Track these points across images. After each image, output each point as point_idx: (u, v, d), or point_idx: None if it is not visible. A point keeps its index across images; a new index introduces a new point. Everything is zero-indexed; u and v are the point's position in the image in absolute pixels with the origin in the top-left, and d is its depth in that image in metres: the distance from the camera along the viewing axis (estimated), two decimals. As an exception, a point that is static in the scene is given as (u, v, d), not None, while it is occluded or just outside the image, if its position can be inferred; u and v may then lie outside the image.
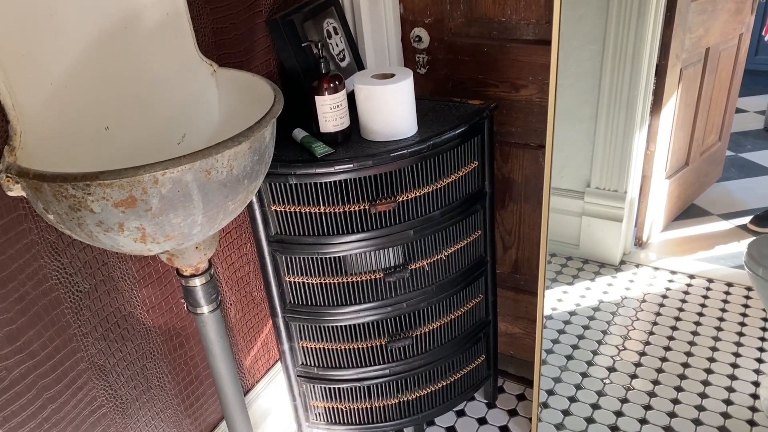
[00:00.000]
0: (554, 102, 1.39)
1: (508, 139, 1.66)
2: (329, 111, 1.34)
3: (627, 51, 1.78)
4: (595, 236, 2.13)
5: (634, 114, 1.90)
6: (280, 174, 1.33)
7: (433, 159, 1.38)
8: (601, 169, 1.97)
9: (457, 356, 1.67)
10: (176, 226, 1.02)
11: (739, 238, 2.33)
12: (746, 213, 2.46)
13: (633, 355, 1.91)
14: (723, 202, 2.55)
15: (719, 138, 2.54)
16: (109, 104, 1.14)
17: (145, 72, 1.19)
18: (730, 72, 2.40)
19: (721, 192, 2.61)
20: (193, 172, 0.97)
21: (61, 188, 0.93)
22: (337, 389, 1.64)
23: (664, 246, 2.34)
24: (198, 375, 1.47)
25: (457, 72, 1.63)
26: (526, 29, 1.51)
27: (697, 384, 1.79)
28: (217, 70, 1.28)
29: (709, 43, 2.18)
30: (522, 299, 1.89)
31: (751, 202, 2.52)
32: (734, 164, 2.78)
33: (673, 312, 2.07)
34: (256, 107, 1.19)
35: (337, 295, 1.49)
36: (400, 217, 1.40)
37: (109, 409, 1.26)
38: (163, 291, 1.33)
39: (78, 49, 1.06)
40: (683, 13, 2.00)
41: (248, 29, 1.40)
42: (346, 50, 1.53)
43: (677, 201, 2.43)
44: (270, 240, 1.44)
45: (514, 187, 1.72)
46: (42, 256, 1.07)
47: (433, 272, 1.52)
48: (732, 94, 2.48)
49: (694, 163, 2.42)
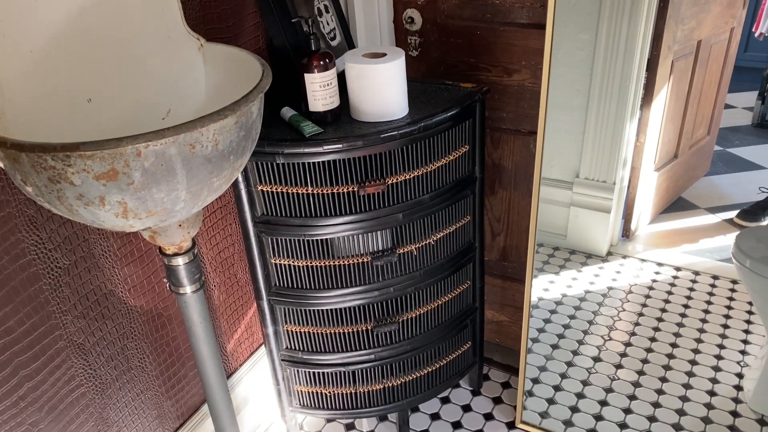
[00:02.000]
0: (547, 87, 1.38)
1: (499, 124, 1.64)
2: (319, 89, 1.31)
3: (620, 41, 1.77)
4: (582, 227, 2.12)
5: (625, 105, 1.89)
6: (267, 153, 1.31)
7: (423, 142, 1.36)
8: (591, 159, 1.96)
9: (443, 342, 1.65)
10: (159, 201, 1.00)
11: (726, 232, 2.33)
12: (733, 207, 2.46)
13: (618, 345, 1.90)
14: (710, 196, 2.55)
15: (708, 132, 2.54)
16: (93, 76, 1.10)
17: (130, 44, 1.16)
18: (721, 66, 2.39)
19: (708, 186, 2.62)
20: (177, 146, 0.94)
21: (40, 159, 0.90)
22: (322, 374, 1.62)
23: (652, 238, 2.34)
24: (180, 357, 1.44)
25: (449, 55, 1.61)
26: (520, 12, 1.49)
27: (681, 375, 1.79)
28: (204, 45, 1.25)
29: (701, 35, 2.18)
30: (509, 287, 1.88)
31: (738, 197, 2.52)
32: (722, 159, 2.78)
33: (659, 303, 2.07)
34: (244, 83, 1.16)
35: (324, 278, 1.47)
36: (389, 200, 1.38)
37: (88, 389, 1.23)
38: (145, 270, 1.30)
39: (61, 17, 1.03)
40: (676, 4, 1.99)
41: (236, 4, 1.36)
42: (337, 29, 1.51)
43: (665, 194, 2.43)
44: (256, 221, 1.42)
45: (504, 173, 1.70)
46: (20, 230, 1.04)
47: (421, 257, 1.50)
48: (722, 88, 2.47)
49: (682, 157, 2.42)
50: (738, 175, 2.69)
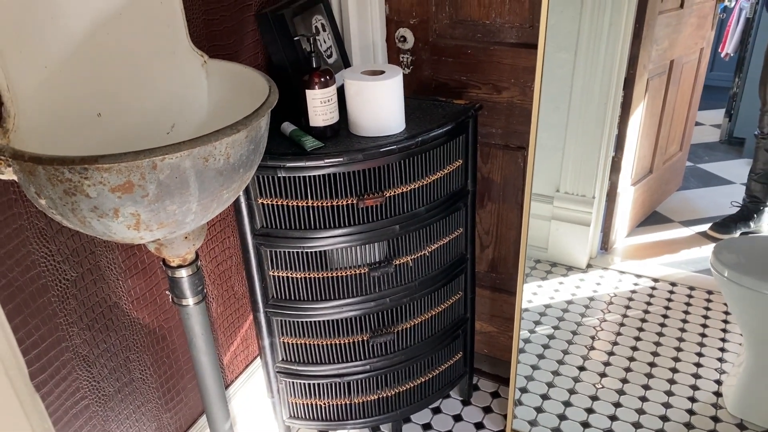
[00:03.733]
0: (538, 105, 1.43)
1: (489, 140, 1.69)
2: (319, 105, 1.35)
3: (598, 60, 1.83)
4: (563, 240, 2.18)
5: (603, 122, 1.95)
6: (269, 167, 1.34)
7: (420, 156, 1.40)
8: (571, 174, 2.02)
9: (435, 353, 1.69)
10: (171, 213, 1.02)
11: (700, 244, 2.42)
12: (705, 220, 2.55)
13: (602, 354, 1.96)
14: (683, 210, 2.64)
15: (680, 148, 2.63)
16: (102, 90, 1.12)
17: (137, 60, 1.18)
18: (692, 84, 2.49)
19: (681, 200, 2.71)
20: (192, 159, 0.97)
21: (57, 172, 0.91)
22: (317, 385, 1.64)
23: (629, 251, 2.41)
24: (179, 369, 1.45)
25: (441, 73, 1.66)
26: (510, 32, 1.55)
27: (663, 382, 1.85)
28: (208, 61, 1.28)
29: (673, 55, 2.27)
30: (497, 298, 1.92)
31: (710, 211, 2.61)
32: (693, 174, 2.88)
33: (639, 314, 2.13)
34: (247, 99, 1.19)
35: (321, 289, 1.50)
36: (386, 213, 1.42)
37: (92, 401, 1.24)
38: (147, 282, 1.31)
39: (74, 33, 1.05)
40: (651, 25, 2.07)
41: (238, 22, 1.40)
42: (333, 47, 1.55)
43: (641, 207, 2.51)
44: (255, 233, 1.44)
45: (493, 187, 1.75)
46: (30, 242, 1.06)
47: (417, 268, 1.54)
48: (693, 106, 2.57)
49: (657, 172, 2.50)
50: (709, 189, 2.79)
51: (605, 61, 1.84)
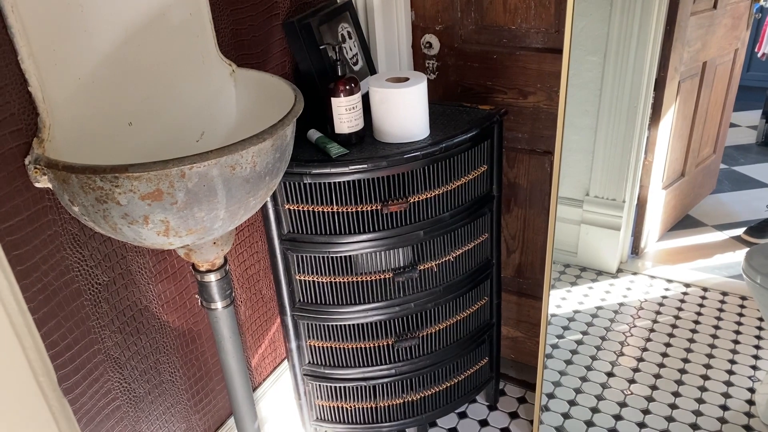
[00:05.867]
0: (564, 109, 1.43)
1: (515, 144, 1.69)
2: (345, 113, 1.36)
3: (628, 63, 1.82)
4: (593, 244, 2.16)
5: (634, 125, 1.93)
6: (295, 173, 1.36)
7: (444, 162, 1.41)
8: (600, 178, 2.01)
9: (461, 358, 1.69)
10: (199, 220, 1.05)
11: (734, 249, 2.37)
12: (739, 225, 2.50)
13: (631, 360, 1.94)
14: (717, 214, 2.60)
15: (714, 150, 2.59)
16: (133, 100, 1.16)
17: (168, 69, 1.21)
18: (726, 86, 2.45)
19: (714, 203, 2.66)
20: (219, 167, 0.99)
21: (90, 180, 0.94)
22: (343, 388, 1.66)
23: (660, 255, 2.38)
24: (208, 371, 1.48)
25: (466, 78, 1.67)
26: (536, 37, 1.55)
27: (694, 390, 1.82)
28: (236, 71, 1.31)
29: (706, 57, 2.23)
30: (524, 303, 1.92)
31: (744, 214, 2.57)
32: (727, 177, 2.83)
33: (670, 319, 2.10)
34: (274, 107, 1.22)
35: (347, 294, 1.51)
36: (410, 218, 1.43)
37: (123, 402, 1.27)
38: (177, 286, 1.35)
39: (105, 45, 1.08)
40: (682, 27, 2.04)
41: (265, 31, 1.42)
42: (359, 55, 1.56)
43: (673, 211, 2.47)
44: (282, 238, 1.46)
45: (519, 192, 1.75)
46: (64, 248, 1.09)
47: (441, 273, 1.55)
48: (727, 107, 2.53)
49: (689, 175, 2.46)
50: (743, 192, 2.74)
51: (635, 63, 1.82)
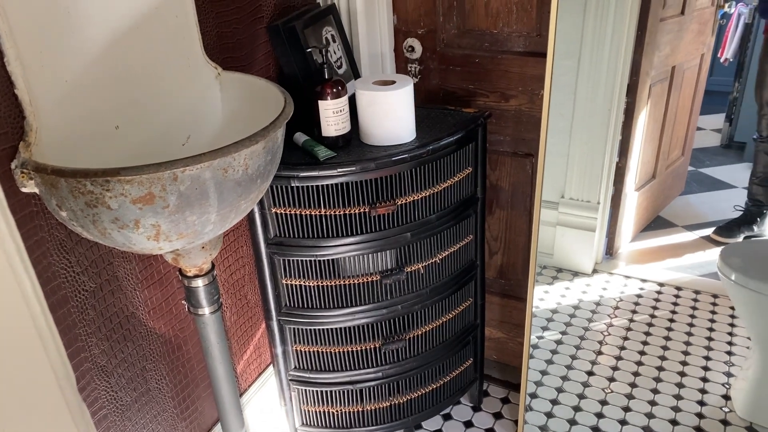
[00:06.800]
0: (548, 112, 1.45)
1: (497, 147, 1.71)
2: (332, 115, 1.36)
3: (601, 67, 1.85)
4: (568, 246, 2.19)
5: (607, 128, 1.97)
6: (283, 176, 1.35)
7: (431, 164, 1.42)
8: (576, 180, 2.04)
9: (447, 359, 1.70)
10: (190, 224, 1.03)
11: (704, 248, 2.44)
12: (708, 225, 2.57)
13: (610, 359, 1.97)
14: (686, 215, 2.66)
15: (682, 153, 2.66)
16: (120, 104, 1.14)
17: (153, 73, 1.20)
18: (693, 90, 2.52)
19: (684, 205, 2.73)
20: (212, 170, 0.98)
21: (80, 184, 0.93)
22: (330, 392, 1.65)
23: (634, 255, 2.43)
24: (194, 378, 1.46)
25: (448, 82, 1.68)
26: (517, 41, 1.57)
27: (672, 386, 1.86)
28: (222, 74, 1.30)
29: (675, 61, 2.29)
30: (506, 304, 1.94)
31: (712, 215, 2.64)
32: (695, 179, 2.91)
33: (646, 318, 2.14)
34: (261, 111, 1.21)
35: (334, 297, 1.51)
36: (398, 221, 1.43)
37: (110, 411, 1.25)
38: (163, 292, 1.33)
39: (93, 47, 1.07)
40: (653, 32, 2.09)
41: (250, 35, 1.42)
42: (343, 58, 1.57)
43: (645, 212, 2.53)
44: (269, 242, 1.45)
45: (501, 194, 1.77)
46: (51, 254, 1.07)
47: (428, 275, 1.55)
48: (694, 111, 2.60)
49: (660, 177, 2.52)
50: (711, 194, 2.82)
51: (608, 68, 1.86)
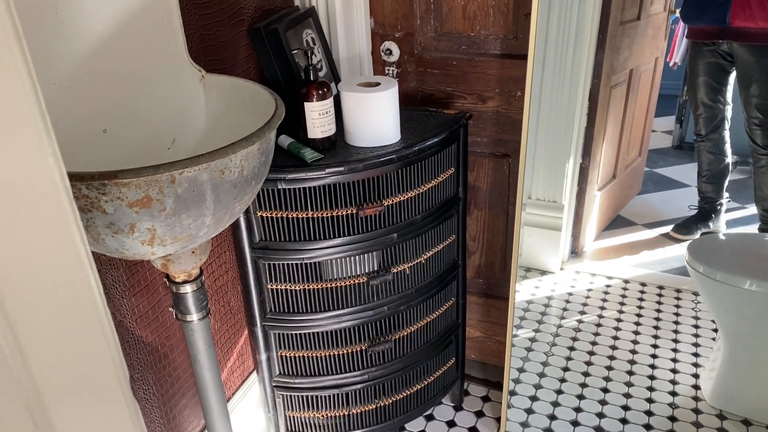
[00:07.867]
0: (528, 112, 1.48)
1: (475, 148, 1.73)
2: (318, 117, 1.36)
3: (565, 70, 1.90)
4: (535, 245, 2.24)
5: (572, 129, 2.02)
6: (270, 179, 1.34)
7: (417, 165, 1.43)
8: (542, 181, 2.08)
9: (430, 359, 1.71)
10: (186, 227, 1.02)
11: (663, 245, 2.52)
12: (666, 222, 2.66)
13: (584, 354, 2.02)
14: (645, 213, 2.75)
15: (639, 154, 2.75)
16: (107, 107, 1.12)
17: (139, 76, 1.18)
18: (648, 92, 2.61)
19: (642, 204, 2.82)
20: (209, 172, 0.97)
21: (74, 188, 0.90)
22: (316, 397, 1.64)
23: (598, 254, 2.49)
24: (180, 387, 1.43)
25: (426, 84, 1.70)
26: (494, 44, 1.60)
27: (644, 378, 1.91)
28: (206, 76, 1.28)
29: (632, 65, 2.37)
30: (485, 303, 1.96)
31: (669, 213, 2.73)
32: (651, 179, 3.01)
33: (615, 314, 2.21)
34: (247, 113, 1.20)
35: (320, 300, 1.50)
36: (384, 222, 1.44)
37: (98, 423, 1.21)
38: (150, 300, 1.30)
39: (80, 50, 1.04)
40: (613, 36, 2.16)
41: (231, 37, 1.40)
42: (323, 61, 1.57)
43: (606, 212, 2.60)
44: (254, 247, 1.44)
45: (479, 194, 1.79)
46: (40, 262, 1.03)
47: (413, 275, 1.56)
48: (649, 113, 2.69)
49: (620, 177, 2.60)
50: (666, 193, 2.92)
51: (573, 70, 1.90)
